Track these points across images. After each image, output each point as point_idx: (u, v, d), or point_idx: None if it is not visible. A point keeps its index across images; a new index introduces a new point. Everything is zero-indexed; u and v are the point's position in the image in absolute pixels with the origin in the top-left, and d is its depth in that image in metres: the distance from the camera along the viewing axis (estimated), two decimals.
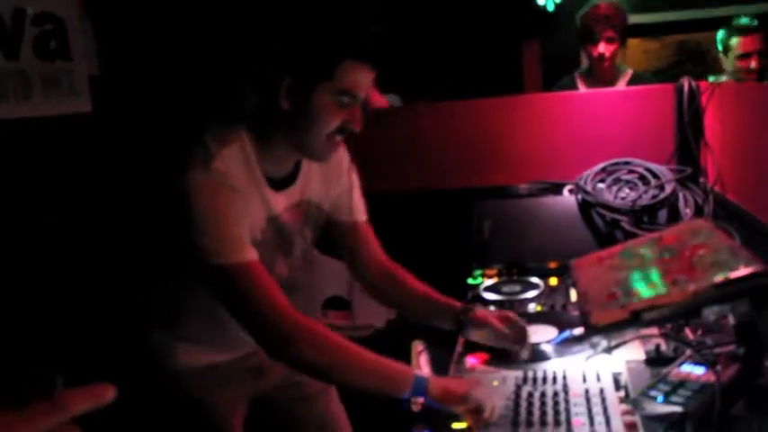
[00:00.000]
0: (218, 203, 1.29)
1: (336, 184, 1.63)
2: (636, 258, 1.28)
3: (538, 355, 1.60)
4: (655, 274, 1.17)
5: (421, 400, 1.39)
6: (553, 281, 2.14)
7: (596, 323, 1.06)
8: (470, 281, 2.23)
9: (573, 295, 1.99)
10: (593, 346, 1.17)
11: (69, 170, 2.43)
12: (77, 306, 2.36)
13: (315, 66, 1.34)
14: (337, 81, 1.34)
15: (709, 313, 1.07)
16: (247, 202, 1.36)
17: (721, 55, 3.37)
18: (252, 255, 1.32)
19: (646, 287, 1.13)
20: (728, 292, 1.04)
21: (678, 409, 1.15)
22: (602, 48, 3.10)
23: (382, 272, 1.70)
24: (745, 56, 3.23)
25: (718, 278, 1.05)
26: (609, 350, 1.22)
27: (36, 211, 2.32)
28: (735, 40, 3.25)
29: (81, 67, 2.59)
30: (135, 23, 2.68)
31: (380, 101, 3.12)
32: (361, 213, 1.69)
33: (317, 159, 1.47)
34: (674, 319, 1.14)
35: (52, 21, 2.51)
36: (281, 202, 1.47)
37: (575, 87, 3.23)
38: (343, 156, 1.64)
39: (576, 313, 1.81)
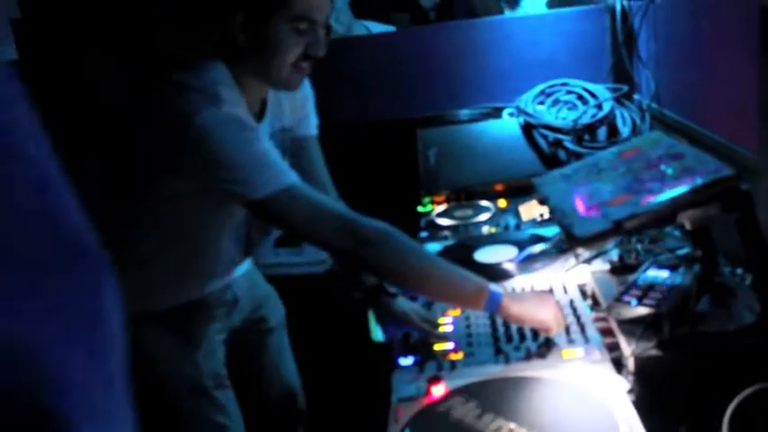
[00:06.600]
0: (244, 137, 1.28)
1: (301, 102, 1.61)
2: (603, 172, 1.31)
3: (503, 274, 1.64)
4: (628, 185, 1.20)
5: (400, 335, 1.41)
6: (502, 203, 2.18)
7: (581, 236, 1.09)
8: (420, 209, 2.24)
9: (523, 214, 2.05)
10: (576, 257, 1.21)
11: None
12: None
13: None
14: (291, 8, 1.32)
15: (684, 218, 1.12)
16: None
17: None
18: (295, 175, 1.31)
19: (622, 197, 1.17)
20: (703, 196, 1.09)
21: (653, 309, 1.21)
22: None
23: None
24: None
25: (694, 184, 1.10)
26: (588, 261, 1.27)
27: None
28: None
29: None
30: None
31: None
32: (313, 127, 1.67)
33: (286, 89, 1.44)
34: (652, 225, 1.19)
35: None
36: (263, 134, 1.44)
37: None
38: None
39: (528, 231, 1.88)
